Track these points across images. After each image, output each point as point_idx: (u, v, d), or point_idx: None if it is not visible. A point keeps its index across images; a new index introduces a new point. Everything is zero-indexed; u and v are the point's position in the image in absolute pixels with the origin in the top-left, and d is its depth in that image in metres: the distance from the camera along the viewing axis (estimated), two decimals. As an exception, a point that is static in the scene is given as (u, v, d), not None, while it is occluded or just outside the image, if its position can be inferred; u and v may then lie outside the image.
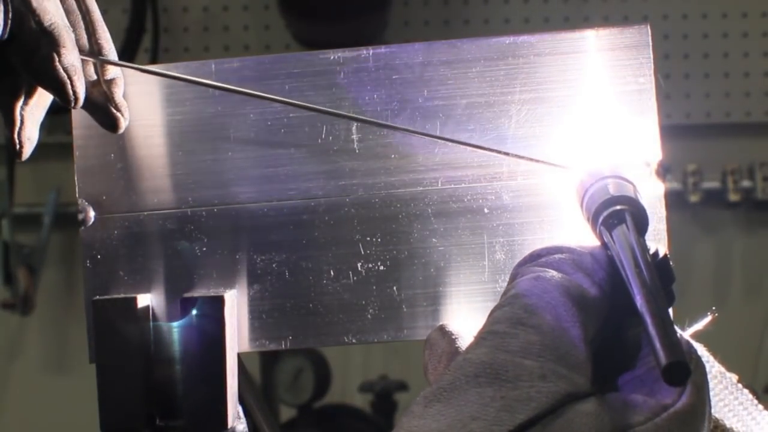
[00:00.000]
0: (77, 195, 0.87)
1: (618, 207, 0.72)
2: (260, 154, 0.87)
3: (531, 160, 0.84)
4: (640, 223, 0.72)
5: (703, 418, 0.63)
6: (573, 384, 0.62)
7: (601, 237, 0.72)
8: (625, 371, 0.65)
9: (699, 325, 0.78)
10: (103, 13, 0.85)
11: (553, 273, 0.69)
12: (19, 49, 0.79)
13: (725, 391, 0.74)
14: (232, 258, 0.86)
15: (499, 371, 0.62)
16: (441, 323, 0.81)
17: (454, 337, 0.76)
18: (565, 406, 0.61)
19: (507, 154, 0.84)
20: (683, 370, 0.59)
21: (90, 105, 0.83)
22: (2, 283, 2.53)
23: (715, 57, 2.67)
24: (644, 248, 0.68)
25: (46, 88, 0.81)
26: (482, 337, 0.65)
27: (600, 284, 0.69)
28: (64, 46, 0.79)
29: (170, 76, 0.86)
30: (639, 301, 0.64)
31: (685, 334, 0.77)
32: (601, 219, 0.73)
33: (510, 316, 0.65)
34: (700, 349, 0.76)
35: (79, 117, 0.88)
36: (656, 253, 0.71)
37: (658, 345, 0.60)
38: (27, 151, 0.83)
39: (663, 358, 0.60)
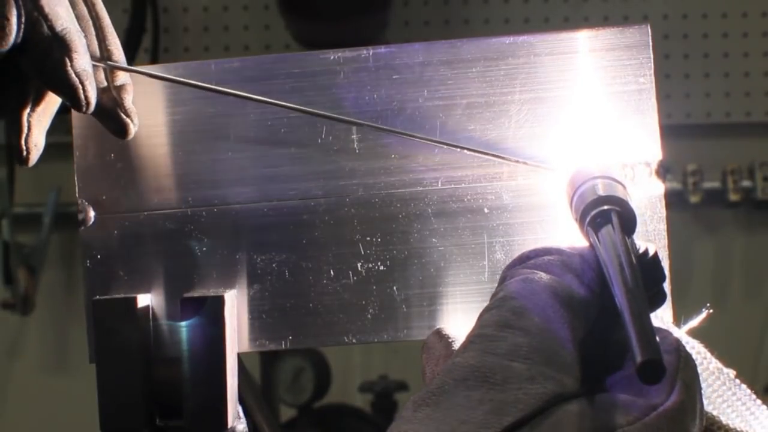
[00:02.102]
0: (77, 195, 0.87)
1: (605, 207, 0.73)
2: (260, 153, 0.87)
3: (518, 162, 0.84)
4: (627, 223, 0.72)
5: (693, 415, 0.63)
6: (561, 385, 0.62)
7: (588, 237, 0.72)
8: (614, 371, 0.65)
9: (694, 322, 0.78)
10: (103, 13, 0.85)
11: (541, 275, 0.69)
12: (31, 54, 0.79)
13: (723, 387, 0.74)
14: (232, 258, 0.86)
15: (487, 374, 0.62)
16: (438, 327, 0.81)
17: (450, 340, 0.76)
18: (553, 407, 0.61)
19: (486, 154, 0.84)
20: (658, 368, 0.59)
21: (99, 111, 0.83)
22: (2, 283, 2.53)
23: (715, 57, 2.67)
24: (628, 248, 0.68)
25: (57, 93, 0.81)
26: (470, 341, 0.65)
27: (589, 285, 0.69)
28: (76, 51, 0.79)
29: (184, 82, 0.86)
30: (619, 300, 0.64)
31: (680, 331, 0.78)
32: (588, 219, 0.73)
33: (498, 319, 0.65)
34: (697, 345, 0.76)
35: (79, 117, 0.88)
36: (645, 252, 0.71)
37: (634, 343, 0.60)
38: (33, 158, 0.84)
39: (638, 356, 0.60)
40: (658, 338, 0.65)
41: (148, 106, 0.87)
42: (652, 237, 0.84)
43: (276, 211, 0.87)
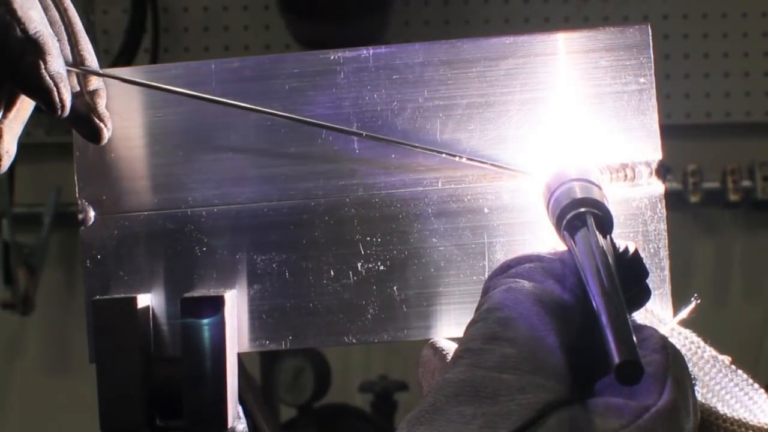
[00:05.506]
0: (77, 195, 0.87)
1: (581, 209, 0.72)
2: (260, 153, 0.87)
3: (499, 167, 0.84)
4: (604, 224, 0.72)
5: (687, 412, 0.63)
6: (553, 393, 0.62)
7: (565, 241, 0.72)
8: (604, 374, 0.65)
9: (684, 313, 0.78)
10: (104, 13, 0.85)
11: (524, 283, 0.69)
12: (4, 57, 0.79)
13: (720, 374, 0.74)
14: (232, 258, 0.86)
15: (478, 388, 0.62)
16: (431, 340, 0.80)
17: (445, 353, 0.76)
18: (547, 415, 0.61)
19: (462, 158, 0.84)
20: (635, 369, 0.59)
21: (73, 116, 0.83)
22: (2, 283, 2.53)
23: (715, 57, 2.67)
24: (604, 249, 0.68)
25: (32, 96, 0.80)
26: (459, 356, 0.65)
27: (572, 289, 0.69)
28: (49, 54, 0.79)
29: (152, 86, 0.86)
30: (596, 302, 0.64)
31: (672, 321, 0.77)
32: (564, 222, 0.73)
33: (484, 332, 0.65)
34: (690, 335, 0.76)
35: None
36: (626, 251, 0.71)
37: (611, 345, 0.60)
38: (5, 165, 0.83)
39: (615, 358, 0.60)
40: (644, 338, 0.65)
41: (148, 106, 0.87)
42: (652, 237, 0.84)
43: (276, 211, 0.87)
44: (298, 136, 0.86)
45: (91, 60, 0.84)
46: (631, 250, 0.71)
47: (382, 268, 0.86)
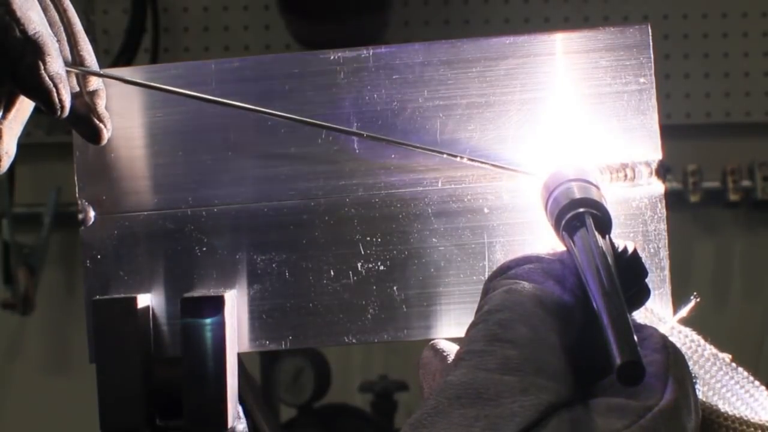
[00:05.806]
0: (77, 195, 0.87)
1: (579, 210, 0.72)
2: (260, 153, 0.87)
3: (497, 167, 0.84)
4: (602, 224, 0.72)
5: (688, 411, 0.63)
6: (555, 393, 0.62)
7: (564, 241, 0.72)
8: (605, 375, 0.65)
9: (683, 312, 0.78)
10: (104, 13, 0.85)
11: (524, 284, 0.68)
12: (4, 59, 0.79)
13: (720, 372, 0.74)
14: (232, 258, 0.86)
15: (480, 390, 0.62)
16: (431, 342, 0.80)
17: (445, 354, 0.76)
18: (549, 416, 0.61)
19: (462, 158, 0.85)
20: (636, 370, 0.59)
21: (73, 116, 0.83)
22: (2, 283, 2.53)
23: (715, 57, 2.67)
24: (603, 250, 0.68)
25: (31, 97, 0.80)
26: (461, 358, 0.65)
27: (572, 290, 0.69)
28: (49, 54, 0.79)
29: (153, 86, 0.86)
30: (596, 303, 0.64)
31: (673, 320, 0.77)
32: (563, 223, 0.73)
33: (485, 334, 0.65)
34: (690, 333, 0.76)
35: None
36: (625, 250, 0.70)
37: (612, 346, 0.60)
38: (4, 165, 0.83)
39: (616, 359, 0.60)
40: (644, 337, 0.65)
41: (148, 106, 0.87)
42: (652, 237, 0.84)
43: (276, 211, 0.87)
44: (298, 136, 0.86)
45: (91, 60, 0.84)
46: (630, 249, 0.71)
47: (382, 268, 0.86)
